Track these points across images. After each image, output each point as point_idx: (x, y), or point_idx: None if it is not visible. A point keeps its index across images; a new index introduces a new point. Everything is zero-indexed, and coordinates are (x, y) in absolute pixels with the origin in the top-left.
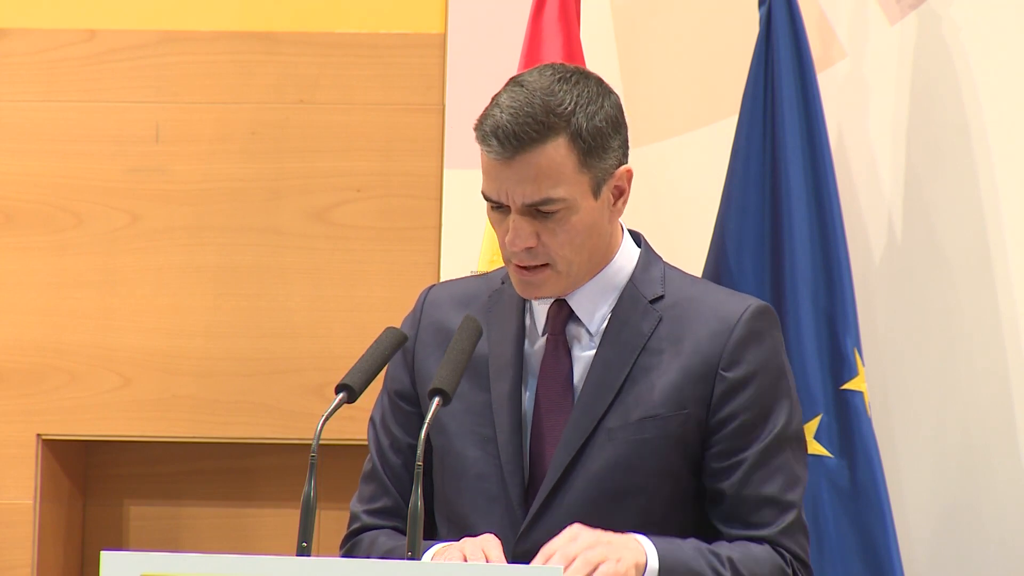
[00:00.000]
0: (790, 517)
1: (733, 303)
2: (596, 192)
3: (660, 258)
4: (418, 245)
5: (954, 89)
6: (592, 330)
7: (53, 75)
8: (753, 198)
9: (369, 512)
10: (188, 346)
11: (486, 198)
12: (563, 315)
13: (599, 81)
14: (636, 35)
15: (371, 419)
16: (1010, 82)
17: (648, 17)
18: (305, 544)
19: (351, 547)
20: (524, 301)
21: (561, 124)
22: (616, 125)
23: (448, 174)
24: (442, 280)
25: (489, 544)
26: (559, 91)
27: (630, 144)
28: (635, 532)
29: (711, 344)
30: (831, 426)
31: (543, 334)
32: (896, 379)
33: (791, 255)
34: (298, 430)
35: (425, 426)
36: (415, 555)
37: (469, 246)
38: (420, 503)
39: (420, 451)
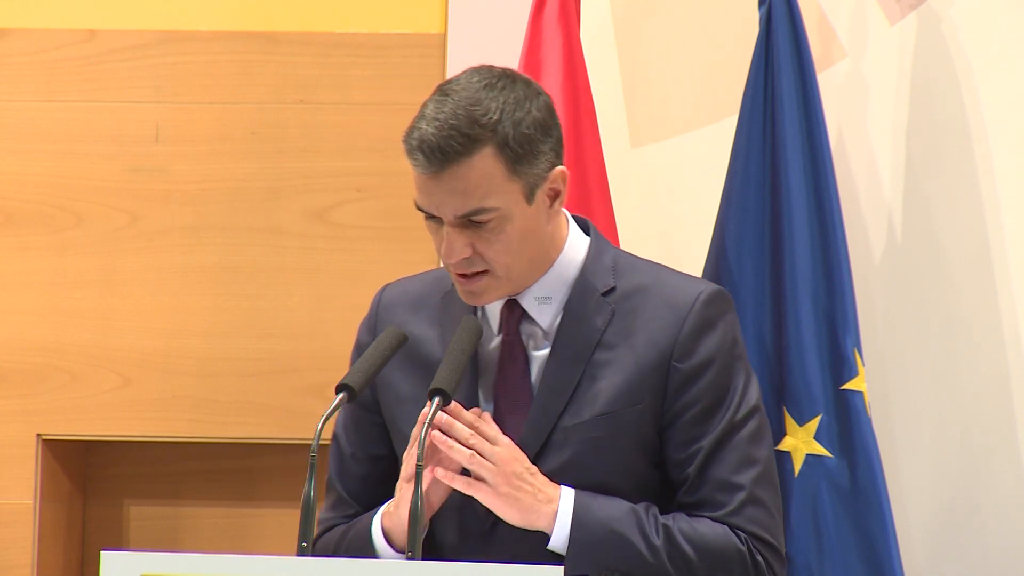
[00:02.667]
0: (740, 497)
1: (684, 291)
2: (529, 198)
3: (610, 245)
4: (418, 245)
5: (954, 89)
6: (546, 328)
7: (53, 75)
8: (753, 198)
9: (329, 519)
10: (188, 346)
11: (419, 209)
12: (516, 316)
13: (527, 83)
14: (636, 35)
15: (334, 432)
16: (1010, 82)
17: (648, 17)
18: (305, 544)
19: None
20: None
21: (487, 135)
22: (545, 128)
23: None
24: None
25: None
26: (484, 99)
27: (630, 143)
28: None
29: (664, 335)
30: (831, 426)
31: (498, 334)
32: (896, 379)
33: (791, 255)
34: (298, 430)
35: (426, 427)
36: (415, 555)
37: None
38: (421, 503)
39: (421, 451)
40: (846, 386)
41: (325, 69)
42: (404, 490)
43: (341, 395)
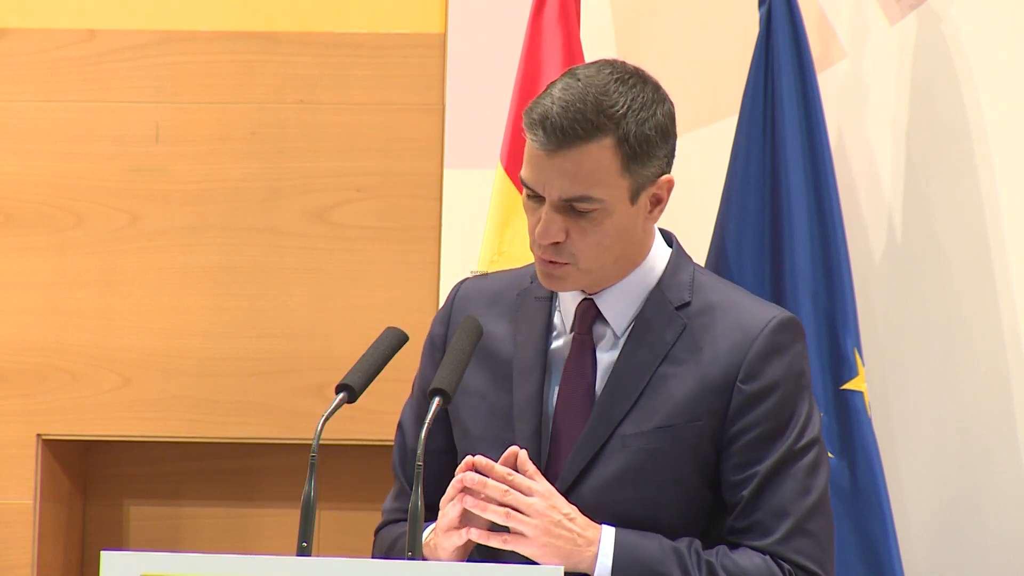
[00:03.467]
0: (790, 527)
1: (757, 314)
2: (634, 198)
3: (691, 260)
4: (418, 245)
5: (954, 89)
6: (618, 332)
7: (53, 75)
8: (753, 198)
9: (391, 510)
10: (188, 346)
11: (524, 185)
12: (591, 314)
13: (656, 87)
14: (636, 35)
15: (401, 417)
16: (1010, 82)
17: (648, 17)
18: (305, 544)
19: (374, 543)
20: (551, 300)
21: (610, 126)
22: (665, 135)
23: (448, 174)
24: (479, 274)
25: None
26: (614, 92)
27: None
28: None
29: (730, 355)
30: (831, 426)
31: (570, 332)
32: (896, 379)
33: (791, 255)
34: (298, 430)
35: (425, 427)
36: (415, 555)
37: (469, 246)
38: (420, 503)
39: (420, 451)
40: (846, 386)
41: (325, 69)
42: (442, 539)
43: (341, 395)
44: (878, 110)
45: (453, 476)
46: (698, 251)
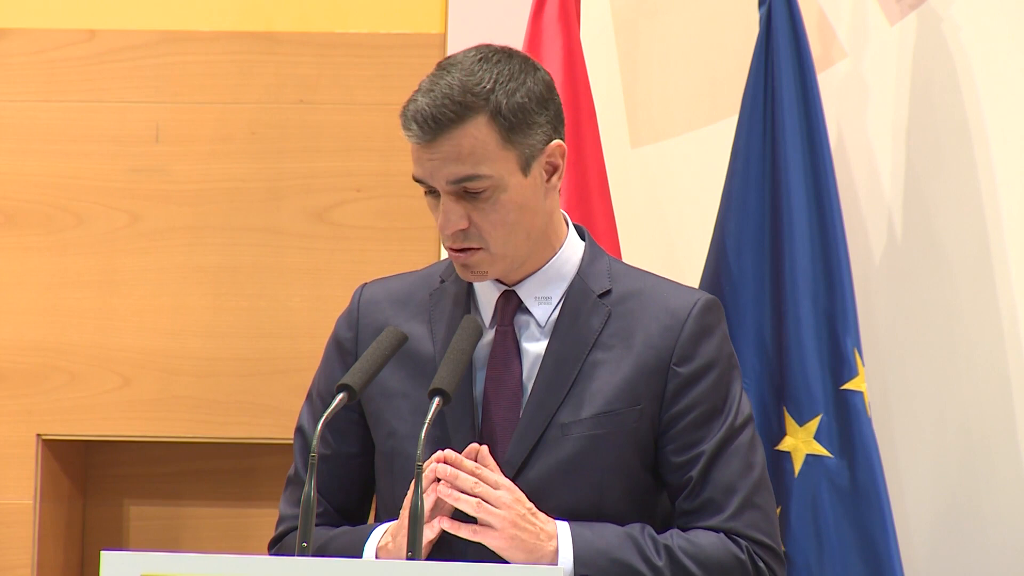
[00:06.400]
0: (740, 502)
1: (681, 297)
2: (525, 169)
3: (603, 252)
4: (418, 245)
5: (954, 89)
6: (541, 321)
7: (53, 75)
8: (753, 198)
9: (295, 516)
10: (188, 346)
11: (417, 181)
12: (512, 306)
13: (525, 59)
14: (636, 35)
15: (299, 426)
16: (1010, 82)
17: (648, 17)
18: (305, 544)
19: (281, 547)
20: (468, 296)
21: (479, 103)
22: (542, 101)
23: None
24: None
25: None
26: (478, 71)
27: (630, 143)
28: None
29: (662, 339)
30: (831, 426)
31: (491, 327)
32: (896, 379)
33: (791, 255)
34: None
35: (425, 427)
36: (415, 555)
37: None
38: (420, 504)
39: (420, 451)
40: (846, 386)
41: (325, 69)
42: (402, 535)
43: (341, 395)
44: (878, 110)
45: (366, 481)
46: (698, 251)
